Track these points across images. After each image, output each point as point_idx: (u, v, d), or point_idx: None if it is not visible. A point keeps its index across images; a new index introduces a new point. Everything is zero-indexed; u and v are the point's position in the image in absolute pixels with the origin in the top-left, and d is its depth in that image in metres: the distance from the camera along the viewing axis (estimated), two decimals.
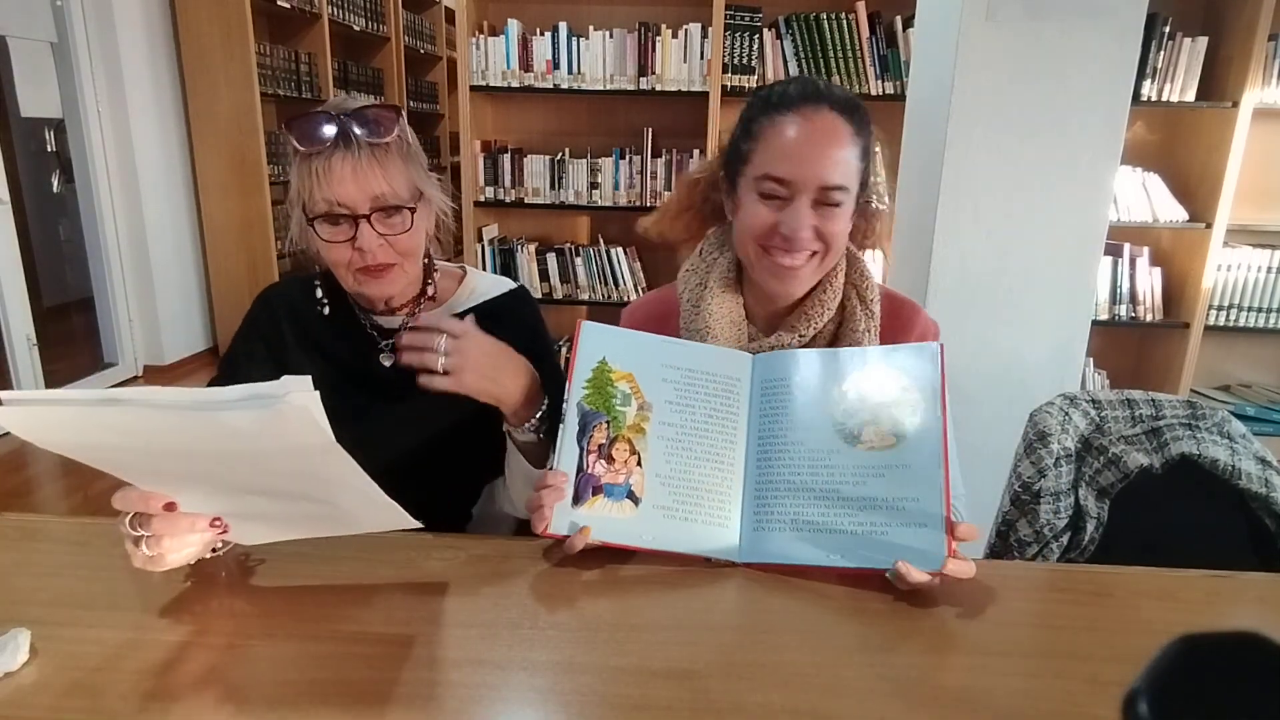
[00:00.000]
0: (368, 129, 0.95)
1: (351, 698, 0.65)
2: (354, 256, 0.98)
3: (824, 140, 0.95)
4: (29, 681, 0.67)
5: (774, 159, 0.96)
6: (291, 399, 0.61)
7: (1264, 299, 2.82)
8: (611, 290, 3.33)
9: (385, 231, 0.97)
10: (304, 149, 0.95)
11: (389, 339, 1.09)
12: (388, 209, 0.97)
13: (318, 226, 0.97)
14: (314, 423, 0.62)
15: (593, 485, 0.88)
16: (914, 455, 0.84)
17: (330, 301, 1.10)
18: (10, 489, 2.90)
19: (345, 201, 0.95)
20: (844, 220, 0.98)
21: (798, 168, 0.94)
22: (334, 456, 0.67)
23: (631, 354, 0.92)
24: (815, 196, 0.95)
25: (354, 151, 0.94)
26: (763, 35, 3.02)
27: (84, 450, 0.70)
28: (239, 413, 0.63)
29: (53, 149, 4.62)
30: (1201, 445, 1.11)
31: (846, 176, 0.96)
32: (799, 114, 0.95)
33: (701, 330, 1.03)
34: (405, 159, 0.99)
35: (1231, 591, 0.86)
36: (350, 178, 0.94)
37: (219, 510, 0.78)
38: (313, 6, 4.40)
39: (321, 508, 0.76)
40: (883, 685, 0.68)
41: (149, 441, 0.67)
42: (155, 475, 0.74)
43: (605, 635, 0.75)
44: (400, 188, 0.98)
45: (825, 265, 1.01)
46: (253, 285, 4.14)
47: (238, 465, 0.70)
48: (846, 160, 0.96)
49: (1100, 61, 1.73)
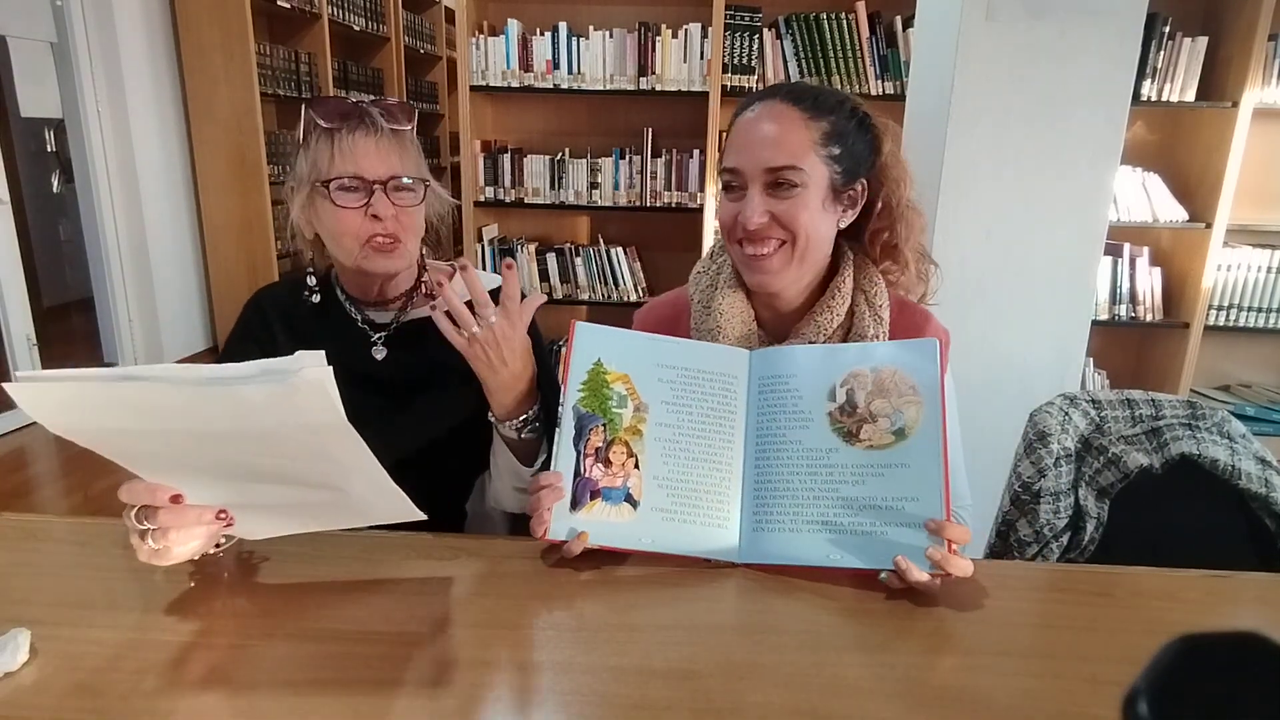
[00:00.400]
0: (389, 115, 1.02)
1: (351, 698, 0.65)
2: (364, 225, 1.01)
3: (767, 125, 0.97)
4: (29, 681, 0.67)
5: (728, 153, 1.00)
6: (305, 374, 0.62)
7: (1264, 299, 2.82)
8: (611, 290, 3.33)
9: (398, 202, 1.02)
10: (327, 124, 1.00)
11: (381, 332, 1.10)
12: (401, 185, 1.02)
13: (334, 193, 1.00)
14: (327, 397, 0.63)
15: (590, 489, 0.87)
16: (913, 454, 0.84)
17: (322, 296, 1.12)
18: (10, 489, 2.90)
19: (365, 172, 1.00)
20: (806, 205, 0.96)
21: (743, 154, 0.98)
22: (345, 436, 0.67)
23: (626, 354, 0.92)
24: (765, 180, 0.97)
25: (376, 131, 1.01)
26: (763, 35, 3.02)
27: (93, 434, 0.70)
28: (253, 387, 0.63)
29: (53, 149, 4.63)
30: (1201, 445, 1.11)
31: (795, 156, 0.95)
32: (752, 109, 1.00)
33: (712, 330, 1.03)
34: (417, 152, 1.06)
35: (1231, 591, 0.86)
36: (374, 152, 1.00)
37: (226, 501, 0.78)
38: (313, 6, 4.40)
39: (330, 495, 0.76)
40: (883, 685, 0.68)
41: (161, 422, 0.67)
42: (164, 462, 0.74)
43: (605, 635, 0.75)
44: (412, 170, 1.04)
45: (802, 258, 0.99)
46: (253, 285, 4.11)
47: (249, 447, 0.70)
48: (794, 142, 0.95)
49: (1100, 61, 1.73)
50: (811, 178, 0.96)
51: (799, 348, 0.97)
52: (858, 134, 0.99)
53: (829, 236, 1.01)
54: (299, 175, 1.03)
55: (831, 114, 0.97)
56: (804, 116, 0.96)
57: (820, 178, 0.97)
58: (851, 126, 0.99)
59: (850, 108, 1.00)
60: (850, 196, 1.01)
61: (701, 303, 1.07)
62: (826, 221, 0.99)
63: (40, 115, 4.37)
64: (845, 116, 0.98)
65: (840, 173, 0.98)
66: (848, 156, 0.98)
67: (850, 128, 0.99)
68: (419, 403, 1.09)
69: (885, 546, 0.82)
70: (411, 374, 1.10)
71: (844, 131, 0.98)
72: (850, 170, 0.99)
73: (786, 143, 0.95)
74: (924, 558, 0.79)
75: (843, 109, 0.99)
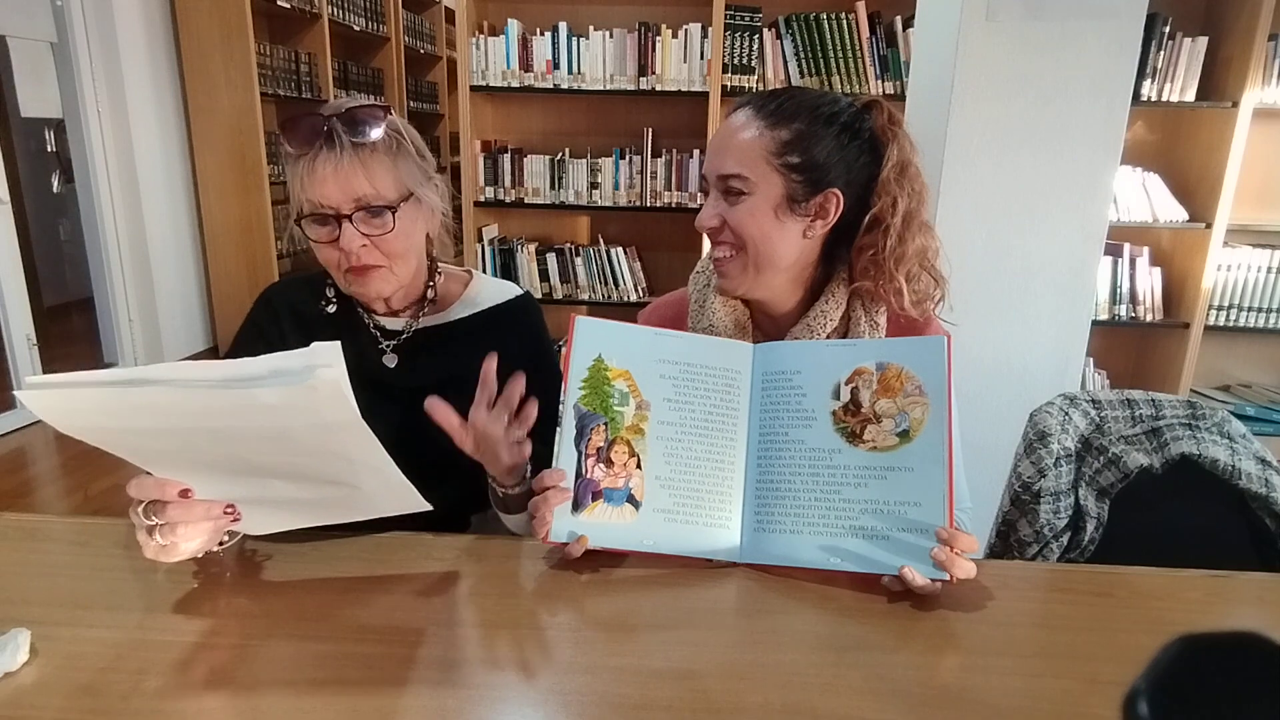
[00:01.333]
0: (352, 128, 0.94)
1: (351, 698, 0.65)
2: (340, 257, 0.98)
3: (725, 133, 0.99)
4: (29, 681, 0.67)
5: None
6: (321, 374, 0.62)
7: (1264, 299, 2.82)
8: (611, 290, 3.33)
9: (369, 232, 0.96)
10: (293, 150, 0.95)
11: (392, 339, 1.09)
12: (371, 209, 0.96)
13: (305, 227, 0.97)
14: (343, 397, 0.63)
15: (592, 490, 0.86)
16: (917, 458, 0.83)
17: (337, 301, 1.11)
18: (10, 489, 2.90)
19: (327, 202, 0.94)
20: (753, 212, 0.96)
21: (708, 160, 1.01)
22: (359, 434, 0.68)
23: (628, 349, 0.90)
24: (719, 187, 0.99)
25: (337, 152, 0.93)
26: (763, 35, 3.02)
27: (106, 435, 0.70)
28: (268, 389, 0.63)
29: (53, 149, 4.63)
30: (1201, 445, 1.11)
31: (742, 165, 0.95)
32: (729, 116, 1.01)
33: (706, 330, 1.04)
34: (395, 158, 0.98)
35: (1231, 591, 0.86)
36: (331, 177, 0.93)
37: (234, 496, 0.78)
38: (313, 6, 4.40)
39: (339, 490, 0.76)
40: (883, 685, 0.68)
41: (173, 422, 0.68)
42: (174, 458, 0.74)
43: (605, 635, 0.75)
44: (385, 188, 0.96)
45: (758, 266, 0.98)
46: (252, 285, 4.14)
47: (262, 445, 0.70)
48: (743, 150, 0.96)
49: (1100, 61, 1.73)
50: (759, 186, 0.95)
51: (804, 343, 0.97)
52: (836, 141, 0.96)
53: (790, 247, 0.98)
54: (291, 196, 1.00)
55: (795, 121, 0.95)
56: (761, 125, 0.96)
57: (771, 186, 0.95)
58: (828, 133, 0.95)
59: (828, 115, 0.96)
60: (818, 206, 0.97)
61: (698, 302, 1.08)
62: (782, 231, 0.97)
63: (40, 115, 4.37)
64: (820, 122, 0.95)
65: (800, 182, 0.95)
66: (811, 166, 0.95)
67: (824, 134, 0.95)
68: (427, 413, 1.08)
69: (887, 551, 0.81)
70: (421, 383, 1.07)
71: (810, 139, 0.95)
72: (815, 180, 0.95)
73: (735, 151, 0.96)
74: (925, 562, 0.79)
75: (816, 116, 0.95)
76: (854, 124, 0.97)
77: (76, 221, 3.88)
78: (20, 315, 3.40)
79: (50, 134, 4.60)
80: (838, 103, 0.98)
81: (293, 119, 0.95)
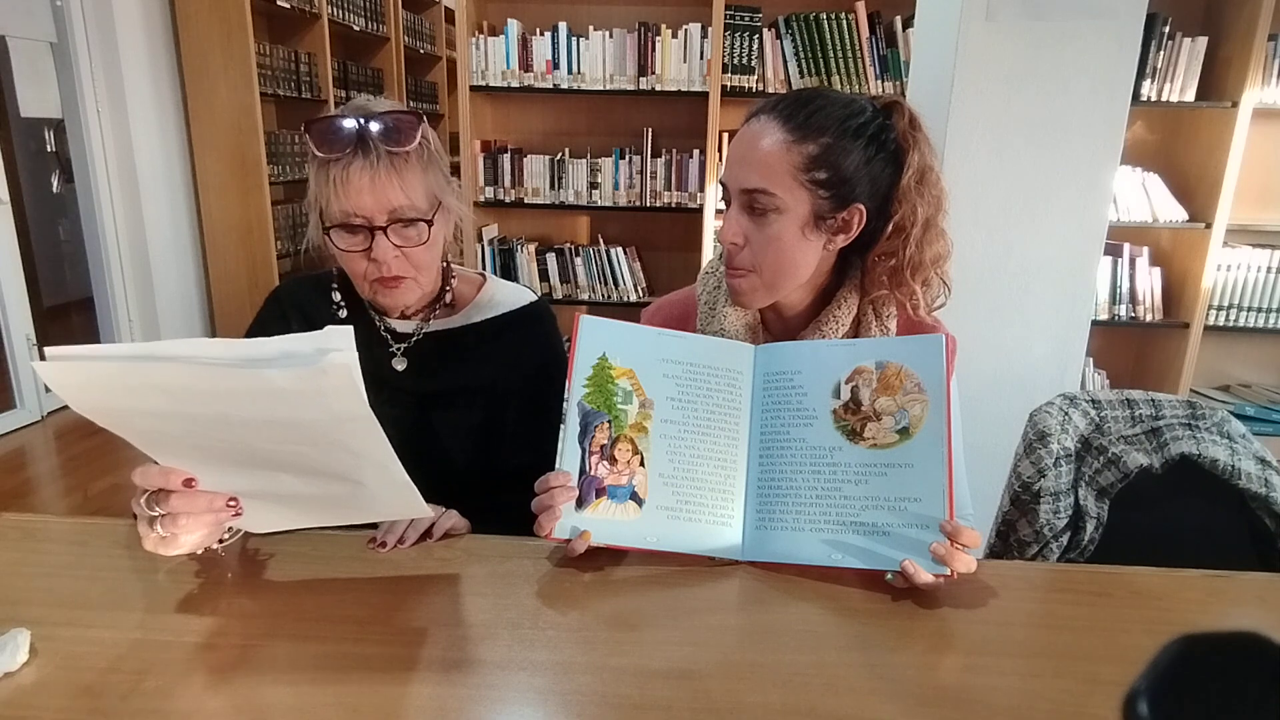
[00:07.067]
0: (387, 137, 0.93)
1: (352, 698, 0.65)
2: (369, 267, 0.97)
3: (750, 143, 0.94)
4: (29, 681, 0.67)
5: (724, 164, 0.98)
6: (332, 357, 0.62)
7: (1264, 299, 2.82)
8: (611, 290, 3.33)
9: (401, 243, 0.96)
10: (322, 154, 0.93)
11: (402, 342, 1.09)
12: (405, 221, 0.95)
13: (334, 236, 0.96)
14: (352, 382, 0.63)
15: (596, 487, 0.87)
16: (916, 454, 0.84)
17: (346, 305, 1.10)
18: (10, 489, 2.90)
19: (362, 212, 0.93)
20: (779, 235, 0.93)
21: (728, 170, 0.97)
22: (366, 424, 0.68)
23: (632, 348, 0.91)
24: (742, 201, 0.95)
25: (372, 161, 0.92)
26: (762, 35, 3.02)
27: (117, 414, 0.70)
28: (279, 370, 0.63)
29: (53, 149, 4.62)
30: (1201, 445, 1.11)
31: (769, 180, 0.91)
32: (749, 121, 0.96)
33: (717, 333, 1.03)
34: (425, 168, 0.97)
35: (1231, 591, 0.86)
36: (368, 188, 0.92)
37: (238, 488, 0.78)
38: (312, 6, 4.39)
39: (343, 487, 0.76)
40: (883, 685, 0.68)
41: (186, 404, 0.68)
42: (182, 445, 0.74)
43: (605, 635, 0.75)
44: (418, 199, 0.96)
45: (772, 286, 0.97)
46: (252, 285, 4.14)
47: (270, 432, 0.70)
48: (772, 165, 0.91)
49: (1100, 61, 1.73)
50: (788, 204, 0.92)
51: (804, 343, 0.97)
52: (864, 154, 0.93)
53: (810, 260, 0.97)
54: (309, 200, 0.99)
55: (824, 135, 0.91)
56: (788, 139, 0.91)
57: (799, 204, 0.92)
58: (856, 146, 0.92)
59: (856, 127, 0.92)
60: (842, 221, 0.95)
61: (708, 304, 1.07)
62: (805, 249, 0.95)
63: (40, 115, 4.36)
64: (849, 136, 0.92)
65: (827, 198, 0.93)
66: (839, 182, 0.92)
67: (852, 148, 0.92)
68: (435, 417, 1.07)
69: (888, 547, 0.82)
70: (430, 387, 1.08)
71: (839, 154, 0.92)
72: (842, 196, 0.93)
73: (761, 164, 0.92)
74: (926, 556, 0.79)
75: (844, 129, 0.92)
76: (880, 135, 0.94)
77: (76, 222, 3.87)
78: (20, 315, 3.40)
79: (50, 134, 4.59)
80: (864, 112, 0.94)
81: (320, 119, 0.93)
